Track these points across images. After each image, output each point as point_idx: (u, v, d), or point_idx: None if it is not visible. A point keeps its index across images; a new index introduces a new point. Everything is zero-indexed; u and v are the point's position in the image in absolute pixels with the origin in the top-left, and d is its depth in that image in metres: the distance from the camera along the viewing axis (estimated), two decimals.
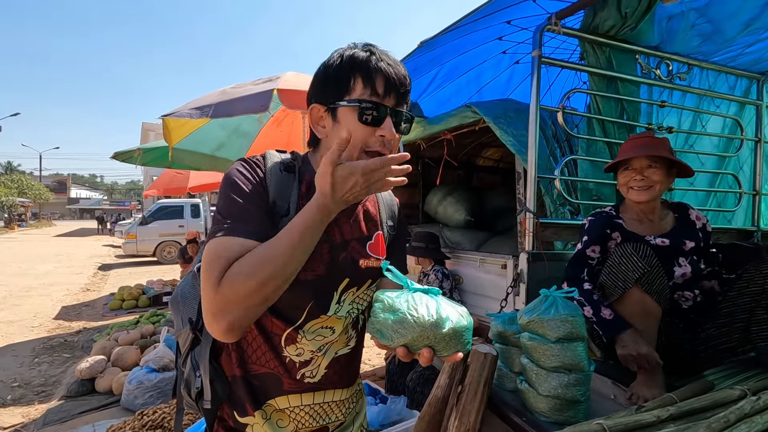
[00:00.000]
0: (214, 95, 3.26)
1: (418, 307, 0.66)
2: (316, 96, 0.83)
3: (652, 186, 1.58)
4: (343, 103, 0.78)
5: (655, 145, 1.61)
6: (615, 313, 1.44)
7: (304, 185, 0.85)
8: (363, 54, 0.79)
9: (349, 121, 0.78)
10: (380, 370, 3.65)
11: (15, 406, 3.13)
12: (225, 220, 0.75)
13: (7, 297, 6.82)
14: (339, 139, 0.70)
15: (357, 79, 0.78)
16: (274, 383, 0.85)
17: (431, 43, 2.36)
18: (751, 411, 0.98)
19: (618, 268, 1.45)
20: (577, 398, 1.19)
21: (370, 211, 0.94)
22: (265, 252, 0.71)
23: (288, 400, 0.86)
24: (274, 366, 0.85)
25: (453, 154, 4.26)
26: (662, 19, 2.11)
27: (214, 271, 0.71)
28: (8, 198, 29.56)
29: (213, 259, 0.72)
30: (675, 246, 1.59)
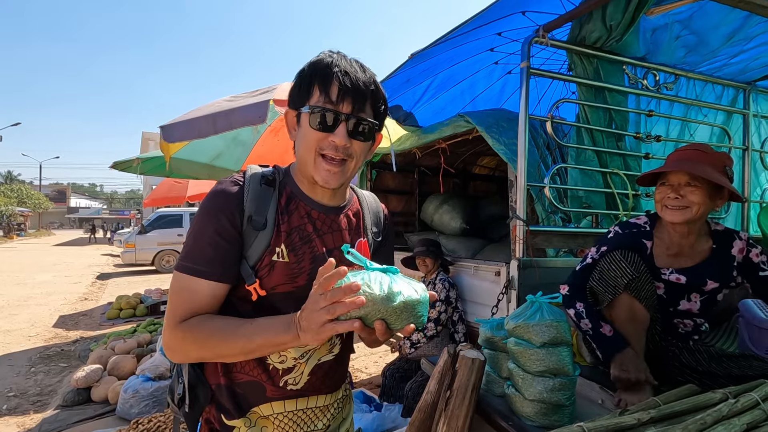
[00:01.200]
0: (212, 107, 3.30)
1: (372, 283, 0.69)
2: (290, 101, 0.86)
3: (689, 207, 1.38)
4: (304, 109, 0.81)
5: (698, 161, 1.39)
6: (615, 330, 1.42)
7: (284, 198, 0.87)
8: (326, 60, 0.80)
9: (305, 126, 0.81)
10: (376, 379, 3.65)
11: (10, 415, 3.13)
12: (193, 254, 0.79)
13: (5, 306, 6.81)
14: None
15: (315, 86, 0.80)
16: (258, 391, 0.87)
17: (423, 55, 2.42)
18: (729, 413, 1.00)
19: (607, 275, 1.46)
20: (562, 402, 1.21)
21: (351, 220, 0.95)
22: (224, 336, 0.76)
23: (272, 407, 0.88)
24: (257, 374, 0.87)
25: (448, 163, 4.32)
26: (647, 31, 2.17)
27: (175, 310, 0.79)
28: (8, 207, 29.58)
29: (176, 299, 0.79)
30: (690, 285, 1.47)
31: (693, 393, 1.25)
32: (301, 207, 0.88)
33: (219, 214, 0.80)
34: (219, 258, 0.79)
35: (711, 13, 2.05)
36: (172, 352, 0.80)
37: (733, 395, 1.13)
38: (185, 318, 0.78)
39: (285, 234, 0.84)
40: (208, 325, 0.77)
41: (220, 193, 0.82)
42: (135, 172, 5.42)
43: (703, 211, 1.39)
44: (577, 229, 2.26)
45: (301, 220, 0.87)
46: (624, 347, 1.38)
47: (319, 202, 0.89)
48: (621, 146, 2.33)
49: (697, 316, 1.53)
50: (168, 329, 0.79)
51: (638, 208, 2.36)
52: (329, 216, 0.91)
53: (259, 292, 0.82)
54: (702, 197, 1.37)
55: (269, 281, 0.83)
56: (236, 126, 2.92)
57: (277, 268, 0.83)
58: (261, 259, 0.82)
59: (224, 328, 0.76)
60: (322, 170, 0.82)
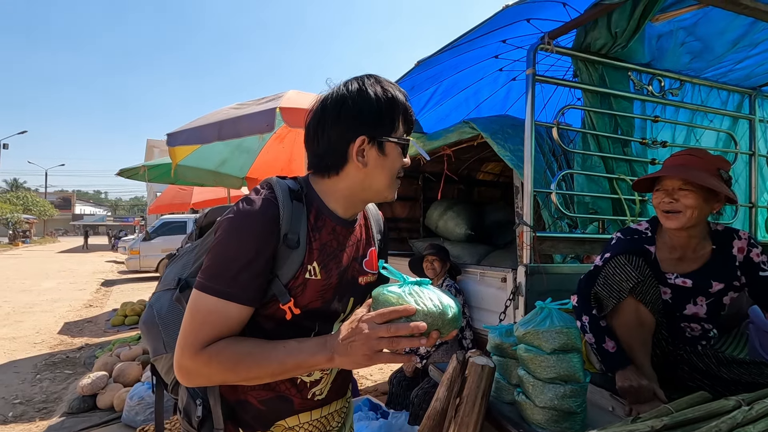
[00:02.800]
0: (218, 114, 3.34)
1: (424, 301, 0.73)
2: (363, 129, 0.83)
3: (682, 211, 1.39)
4: (393, 139, 0.86)
5: (691, 166, 1.41)
6: (618, 346, 1.42)
7: (312, 214, 0.85)
8: (401, 97, 0.88)
9: (395, 155, 0.88)
10: (382, 386, 3.63)
11: (16, 422, 3.13)
12: (225, 277, 0.75)
13: (10, 313, 6.84)
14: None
15: (400, 119, 0.87)
16: (285, 405, 0.87)
17: (429, 62, 2.43)
18: (743, 421, 0.99)
19: (612, 279, 1.45)
20: (573, 409, 1.20)
21: (362, 230, 0.97)
22: (255, 361, 0.74)
23: (298, 418, 0.89)
24: (285, 388, 0.87)
25: (453, 169, 4.32)
26: (652, 38, 2.18)
27: (198, 334, 0.74)
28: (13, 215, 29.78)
29: (201, 322, 0.74)
30: (697, 288, 1.47)
31: (706, 400, 1.24)
32: (328, 223, 0.87)
33: (259, 236, 0.77)
34: (253, 282, 0.76)
35: (716, 20, 2.06)
36: (193, 377, 0.75)
37: (746, 402, 1.12)
38: (210, 342, 0.74)
39: (317, 251, 0.84)
40: (236, 349, 0.74)
41: (258, 214, 0.78)
42: (142, 180, 5.47)
43: (698, 215, 1.39)
44: (584, 234, 2.26)
45: (328, 236, 0.87)
46: (626, 365, 1.38)
47: (342, 217, 0.90)
48: (627, 152, 2.33)
49: (704, 321, 1.52)
50: (188, 354, 0.73)
51: (645, 213, 2.36)
52: (347, 229, 0.91)
53: (293, 310, 0.81)
54: (695, 201, 1.38)
55: (302, 299, 0.82)
56: (243, 134, 2.95)
57: (309, 286, 0.82)
58: (295, 277, 0.80)
59: (255, 353, 0.74)
60: (395, 187, 0.91)
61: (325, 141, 0.85)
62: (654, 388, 1.32)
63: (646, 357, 1.43)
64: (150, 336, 0.93)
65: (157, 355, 0.91)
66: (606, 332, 1.46)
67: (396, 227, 4.52)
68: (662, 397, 1.30)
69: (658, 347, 1.50)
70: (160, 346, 0.90)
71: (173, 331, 0.86)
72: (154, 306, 0.94)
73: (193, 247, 0.98)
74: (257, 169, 5.46)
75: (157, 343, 0.91)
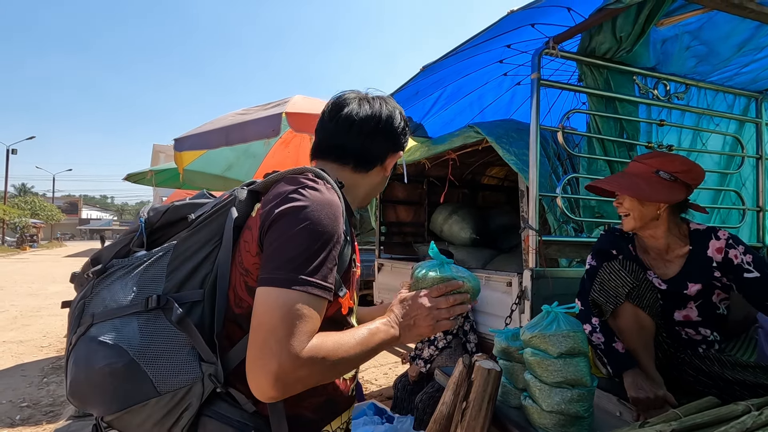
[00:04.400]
0: (225, 120, 3.37)
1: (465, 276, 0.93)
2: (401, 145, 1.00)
3: (628, 215, 1.48)
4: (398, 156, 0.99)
5: (628, 173, 1.52)
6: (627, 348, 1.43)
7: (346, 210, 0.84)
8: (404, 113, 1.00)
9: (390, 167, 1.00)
10: (387, 390, 3.62)
11: (23, 426, 3.15)
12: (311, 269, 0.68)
13: (18, 317, 6.89)
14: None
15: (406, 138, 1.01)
16: (332, 407, 0.84)
17: (433, 67, 2.45)
18: (753, 426, 0.98)
19: (608, 285, 1.47)
20: (580, 414, 1.20)
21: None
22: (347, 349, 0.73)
23: (341, 418, 0.88)
24: (331, 390, 0.83)
25: (457, 174, 4.33)
26: (657, 42, 2.18)
27: (301, 336, 0.66)
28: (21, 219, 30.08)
29: (300, 322, 0.66)
30: (673, 290, 1.50)
31: (714, 405, 1.23)
32: (351, 221, 0.89)
33: (338, 224, 0.74)
34: (334, 272, 0.74)
35: (721, 24, 2.06)
36: (291, 385, 0.66)
37: (756, 407, 1.11)
38: (308, 343, 0.67)
39: (353, 244, 0.87)
40: (329, 342, 0.70)
41: (331, 202, 0.74)
42: (149, 184, 5.52)
43: (639, 216, 1.46)
44: (589, 238, 2.25)
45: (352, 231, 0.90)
46: (635, 365, 1.38)
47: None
48: (633, 156, 2.32)
49: (700, 325, 1.51)
50: (290, 360, 0.64)
51: None
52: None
53: (349, 303, 0.83)
54: (631, 204, 1.47)
55: (351, 292, 0.85)
56: (250, 139, 2.98)
57: (353, 279, 0.86)
58: (347, 270, 0.81)
59: (342, 342, 0.72)
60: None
61: (368, 141, 0.92)
62: (666, 396, 1.31)
63: (650, 360, 1.43)
64: (115, 383, 0.67)
65: (134, 404, 0.68)
66: (615, 333, 1.46)
67: (401, 231, 4.52)
68: (673, 402, 1.30)
69: (660, 350, 1.49)
70: (141, 389, 0.68)
71: (166, 364, 0.69)
72: (116, 339, 0.68)
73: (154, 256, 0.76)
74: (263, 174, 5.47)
75: (135, 386, 0.68)
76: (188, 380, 0.69)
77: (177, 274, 0.74)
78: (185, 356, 0.70)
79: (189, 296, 0.73)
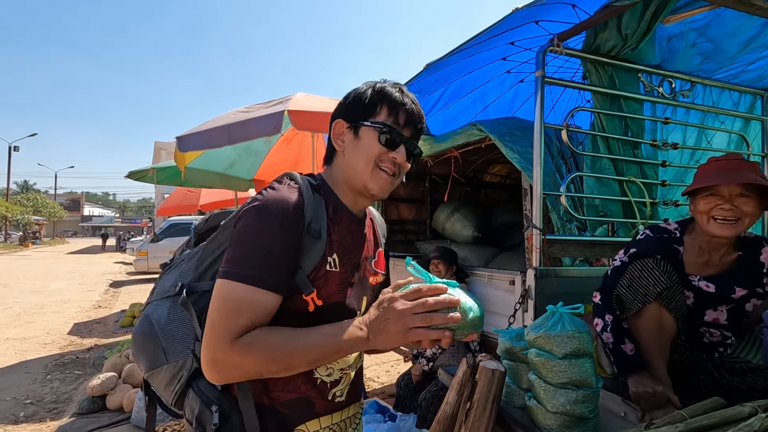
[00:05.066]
0: (227, 118, 3.36)
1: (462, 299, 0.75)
2: (342, 114, 0.90)
3: (741, 219, 1.34)
4: (367, 123, 0.86)
5: (746, 171, 1.36)
6: (636, 349, 1.40)
7: (330, 208, 0.87)
8: (392, 90, 0.88)
9: (369, 138, 0.86)
10: (389, 388, 3.62)
11: (27, 422, 3.16)
12: (254, 262, 0.74)
13: (21, 314, 6.91)
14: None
15: (383, 107, 0.87)
16: (306, 407, 0.85)
17: (437, 65, 2.43)
18: (760, 428, 0.97)
19: (639, 282, 1.42)
20: (585, 415, 1.19)
21: (369, 230, 0.99)
22: (294, 347, 0.73)
23: (319, 422, 0.87)
24: (306, 389, 0.85)
25: (460, 171, 4.31)
26: (663, 39, 2.16)
27: (231, 323, 0.72)
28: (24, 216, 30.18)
29: (231, 311, 0.72)
30: (720, 294, 1.44)
31: (720, 406, 1.23)
32: (344, 218, 0.89)
33: (286, 223, 0.77)
34: (281, 267, 0.76)
35: (728, 21, 2.04)
36: (227, 371, 0.72)
37: (762, 409, 1.10)
38: (243, 332, 0.72)
39: (336, 244, 0.85)
40: (272, 337, 0.73)
41: (286, 201, 0.79)
42: (150, 182, 5.52)
43: (752, 222, 1.37)
44: (593, 237, 2.24)
45: (346, 231, 0.89)
46: (641, 369, 1.37)
47: (355, 214, 0.93)
48: (637, 154, 2.31)
49: (724, 328, 1.50)
50: (221, 346, 0.71)
51: (656, 216, 2.33)
52: (360, 227, 0.94)
53: (316, 302, 0.81)
54: (755, 208, 1.35)
55: (325, 291, 0.83)
56: (252, 137, 2.97)
57: (330, 278, 0.83)
58: (317, 268, 0.81)
59: (291, 340, 0.73)
60: (379, 179, 0.87)
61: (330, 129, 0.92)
62: (668, 394, 1.30)
63: (663, 362, 1.41)
64: (146, 347, 0.88)
65: (155, 368, 0.87)
66: (626, 334, 1.44)
67: (403, 229, 4.52)
68: (677, 402, 1.29)
69: (676, 353, 1.48)
70: (159, 356, 0.86)
71: (175, 339, 0.85)
72: (152, 315, 0.89)
73: (192, 254, 0.94)
74: (265, 172, 5.50)
75: (156, 353, 0.86)
76: (184, 355, 0.85)
77: (200, 268, 0.90)
78: (188, 335, 0.85)
79: (202, 286, 0.87)
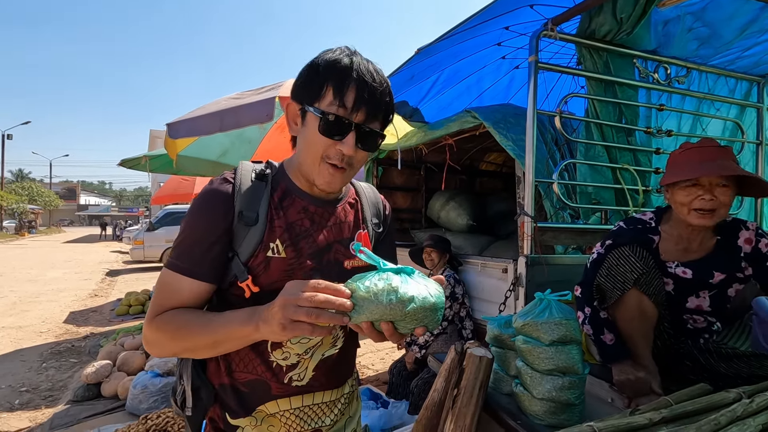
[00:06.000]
0: (218, 105, 3.31)
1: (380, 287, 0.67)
2: (294, 93, 0.83)
3: (718, 209, 1.35)
4: (310, 108, 0.78)
5: (724, 159, 1.36)
6: (616, 338, 1.42)
7: (278, 193, 0.86)
8: (344, 61, 0.76)
9: (312, 128, 0.79)
10: (383, 375, 3.65)
11: (23, 410, 3.17)
12: (179, 252, 0.81)
13: (17, 303, 6.91)
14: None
15: (329, 88, 0.76)
16: (263, 389, 0.86)
17: (429, 50, 2.40)
18: (744, 413, 0.98)
19: (616, 270, 1.43)
20: (572, 401, 1.19)
21: (349, 212, 0.94)
22: (191, 329, 0.76)
23: (277, 404, 0.87)
24: (261, 372, 0.86)
25: (455, 159, 4.29)
26: (658, 24, 2.12)
27: (155, 305, 0.80)
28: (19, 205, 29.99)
29: (159, 294, 0.81)
30: (698, 279, 1.45)
31: (706, 392, 1.23)
32: (297, 202, 0.86)
33: (208, 212, 0.81)
34: (204, 257, 0.80)
35: (725, 5, 2.00)
36: (150, 345, 0.80)
37: (747, 395, 1.11)
38: (161, 312, 0.79)
39: (280, 229, 0.83)
40: (178, 318, 0.78)
41: (210, 192, 0.82)
42: (143, 170, 5.46)
43: (727, 210, 1.37)
44: (585, 225, 2.23)
45: (297, 216, 0.86)
46: (623, 357, 1.38)
47: (317, 196, 0.89)
48: (631, 141, 2.29)
49: (708, 314, 1.50)
50: (146, 322, 0.80)
51: (648, 203, 2.33)
52: (327, 209, 0.90)
53: (252, 288, 0.80)
54: (731, 197, 1.36)
55: (266, 278, 0.81)
56: (244, 124, 2.92)
57: (273, 265, 0.81)
58: (254, 255, 0.81)
59: (192, 321, 0.76)
60: (325, 175, 0.81)
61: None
62: (651, 381, 1.30)
63: (647, 349, 1.42)
64: None
65: None
66: (605, 324, 1.45)
67: (398, 218, 4.51)
68: (658, 389, 1.29)
69: (660, 339, 1.48)
70: None
71: None
72: None
73: None
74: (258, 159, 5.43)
75: None
76: None
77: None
78: None
79: None
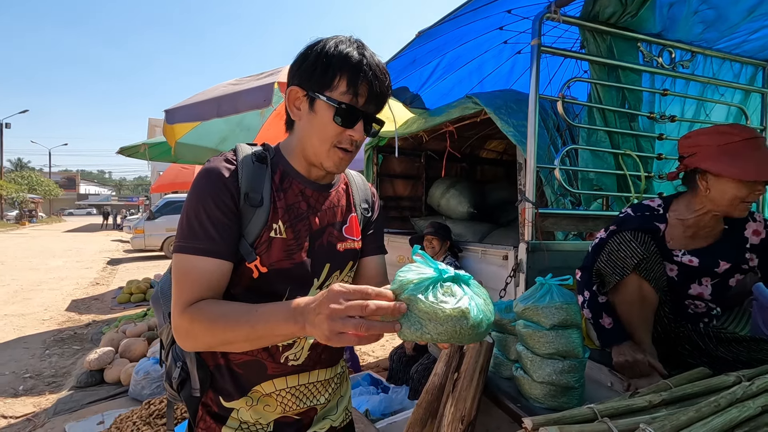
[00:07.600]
0: (216, 90, 3.27)
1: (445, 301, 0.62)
2: (298, 78, 0.83)
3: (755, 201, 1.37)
4: (323, 97, 0.80)
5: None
6: (615, 322, 1.42)
7: (278, 176, 0.87)
8: (356, 56, 0.79)
9: (325, 116, 0.81)
10: (383, 362, 3.68)
11: (27, 396, 3.21)
12: (195, 233, 0.77)
13: (19, 291, 6.95)
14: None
15: (342, 79, 0.79)
16: (259, 369, 0.87)
17: (430, 33, 2.35)
18: (743, 396, 0.98)
19: (616, 255, 1.43)
20: (572, 384, 1.20)
21: (342, 196, 0.97)
22: (228, 322, 0.71)
23: (273, 384, 0.88)
24: (257, 352, 0.87)
25: (456, 147, 4.26)
26: (663, 6, 2.08)
27: (182, 294, 0.76)
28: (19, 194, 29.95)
29: (183, 281, 0.76)
30: (704, 267, 1.44)
31: (705, 376, 1.24)
32: (294, 185, 0.88)
33: (217, 192, 0.79)
34: (223, 234, 0.78)
35: None
36: (183, 338, 0.76)
37: (747, 378, 1.11)
38: (193, 301, 0.75)
39: (282, 210, 0.85)
40: (213, 309, 0.74)
41: (214, 171, 0.81)
42: (142, 158, 5.44)
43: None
44: (587, 211, 2.22)
45: (295, 198, 0.88)
46: (622, 341, 1.38)
47: (310, 179, 0.91)
48: (634, 126, 2.27)
49: (709, 301, 1.51)
50: (176, 314, 0.76)
51: (650, 190, 2.31)
52: (322, 194, 0.92)
53: (260, 269, 0.82)
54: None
55: (268, 258, 0.83)
56: (241, 110, 2.90)
57: (275, 245, 0.83)
58: (260, 236, 0.82)
59: (229, 314, 0.72)
60: (335, 158, 0.84)
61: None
62: (650, 361, 1.31)
63: (647, 334, 1.42)
64: (156, 310, 0.98)
65: (161, 327, 0.96)
66: (604, 308, 1.46)
67: (398, 206, 4.49)
68: (661, 369, 1.30)
69: (660, 324, 1.48)
70: (161, 318, 0.96)
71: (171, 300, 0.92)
72: (159, 283, 1.00)
73: None
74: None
75: (159, 315, 0.97)
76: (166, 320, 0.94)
77: None
78: None
79: None
